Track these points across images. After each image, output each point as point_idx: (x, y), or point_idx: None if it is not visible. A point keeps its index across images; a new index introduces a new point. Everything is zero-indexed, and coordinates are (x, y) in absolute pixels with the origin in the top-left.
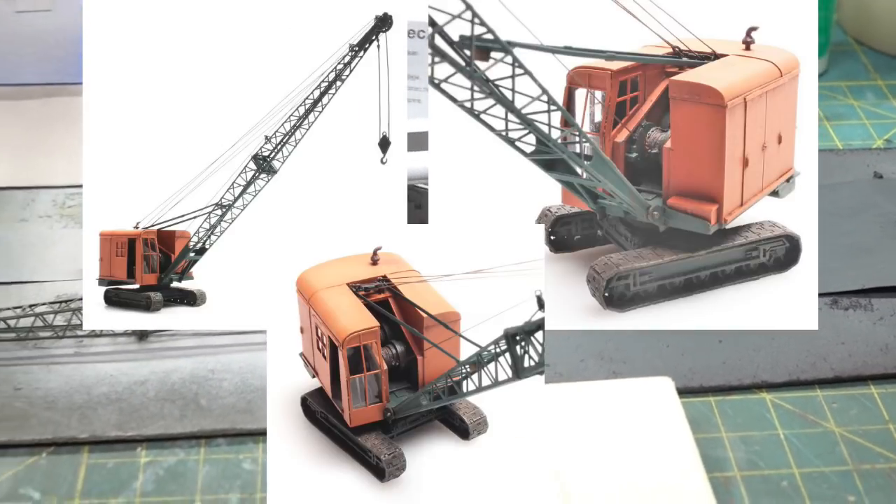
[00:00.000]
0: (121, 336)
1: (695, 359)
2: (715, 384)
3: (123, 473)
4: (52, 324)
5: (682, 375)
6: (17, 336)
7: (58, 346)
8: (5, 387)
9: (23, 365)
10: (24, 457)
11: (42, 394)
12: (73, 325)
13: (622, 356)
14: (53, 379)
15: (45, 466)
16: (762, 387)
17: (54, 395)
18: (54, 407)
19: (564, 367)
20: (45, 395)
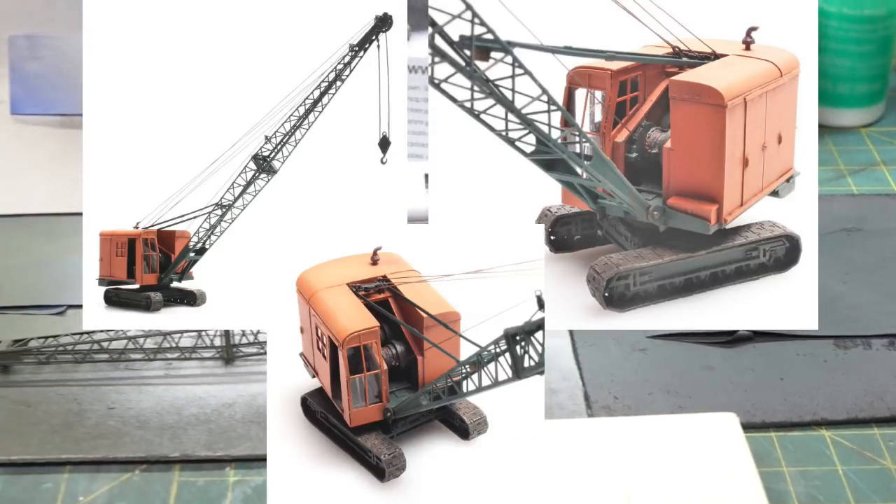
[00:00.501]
0: (208, 360)
1: (757, 395)
2: (776, 420)
3: (213, 491)
4: (142, 346)
5: (745, 411)
6: (111, 357)
7: (148, 368)
8: (99, 406)
9: (115, 385)
10: (119, 473)
11: (134, 413)
12: (164, 349)
13: (687, 391)
14: (145, 399)
15: (139, 483)
16: (821, 424)
17: (146, 414)
18: (146, 426)
19: (633, 401)
20: (138, 415)
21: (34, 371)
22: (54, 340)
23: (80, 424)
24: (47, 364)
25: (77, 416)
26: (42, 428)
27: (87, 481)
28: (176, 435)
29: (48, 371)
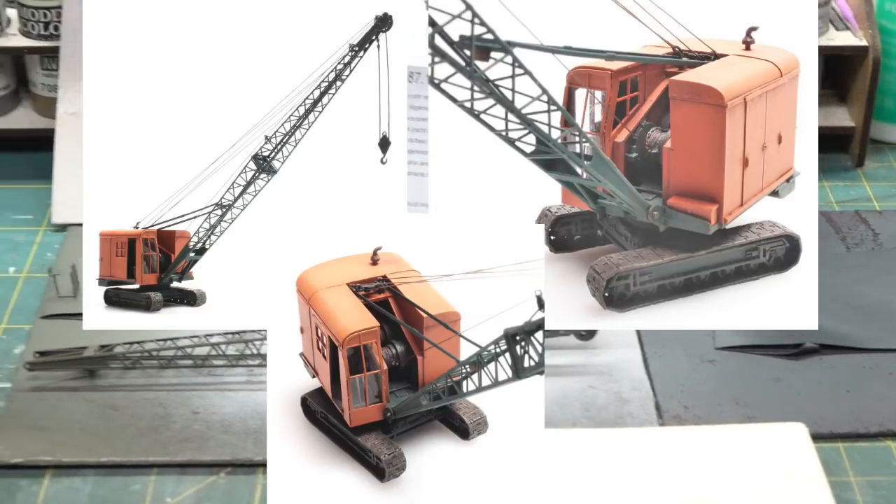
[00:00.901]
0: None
1: (824, 407)
2: (843, 431)
3: None
4: (225, 353)
5: (813, 422)
6: (195, 363)
7: (231, 374)
8: (184, 410)
9: (199, 390)
10: (205, 476)
11: (218, 418)
12: (246, 356)
13: (756, 402)
14: (228, 404)
15: (224, 486)
16: (888, 435)
17: (230, 419)
18: (230, 430)
19: (703, 411)
20: (222, 420)
21: (119, 375)
22: (139, 346)
23: (167, 428)
24: (132, 369)
25: (163, 420)
26: (129, 431)
27: (174, 483)
28: (259, 440)
29: (133, 376)
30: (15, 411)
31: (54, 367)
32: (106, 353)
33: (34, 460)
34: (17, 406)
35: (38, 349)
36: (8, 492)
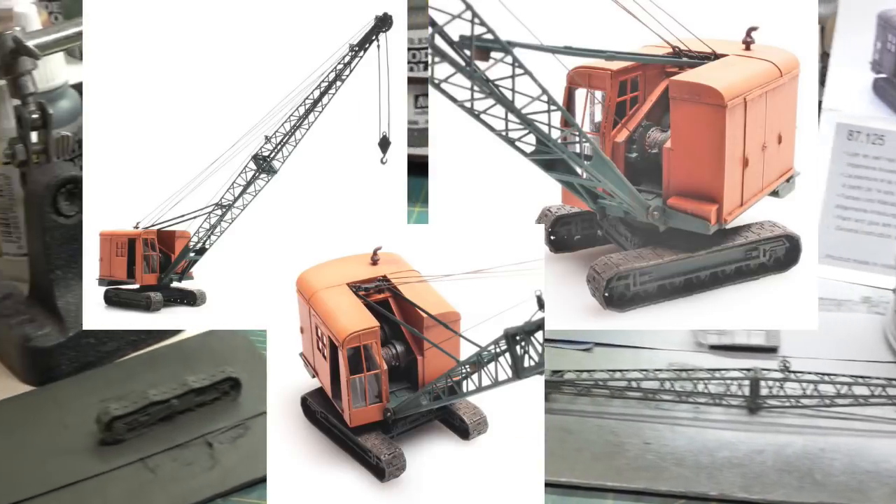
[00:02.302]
0: (734, 407)
1: None
2: None
3: None
4: (672, 388)
5: None
6: (644, 396)
7: (677, 409)
8: (636, 440)
9: (649, 422)
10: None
11: (670, 450)
12: (693, 393)
13: None
14: (678, 438)
15: None
16: None
17: (681, 453)
18: (683, 464)
19: None
20: (673, 452)
21: (570, 401)
22: (588, 375)
23: (621, 455)
24: (583, 396)
25: (616, 448)
26: (585, 455)
27: None
28: (712, 475)
29: (583, 402)
30: None
31: None
32: (558, 378)
33: None
34: None
35: None
36: None
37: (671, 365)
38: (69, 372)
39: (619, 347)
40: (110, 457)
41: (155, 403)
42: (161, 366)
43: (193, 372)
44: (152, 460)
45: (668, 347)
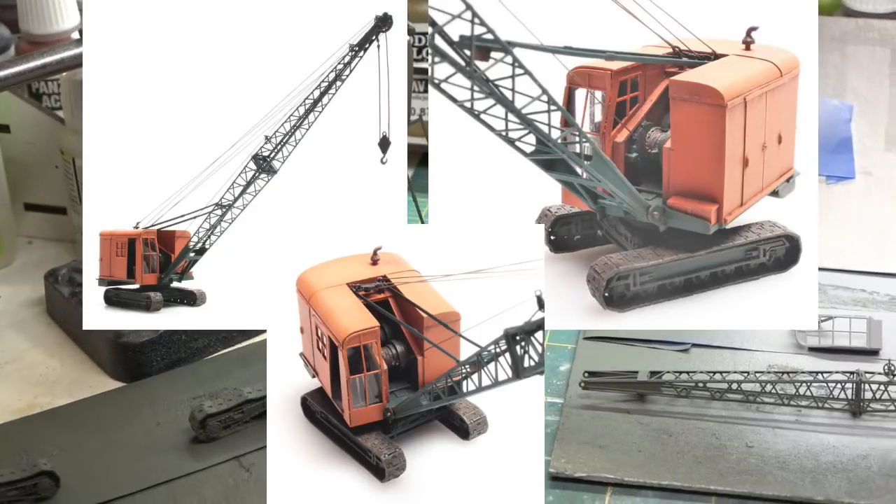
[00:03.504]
0: (836, 410)
1: None
2: None
3: None
4: (774, 391)
5: None
6: (745, 398)
7: (778, 412)
8: (738, 443)
9: (750, 425)
10: None
11: (772, 454)
12: (794, 395)
13: None
14: (780, 442)
15: None
16: None
17: (784, 456)
18: (786, 468)
19: None
20: (776, 456)
21: (669, 402)
22: (688, 376)
23: (723, 458)
24: (682, 398)
25: (718, 451)
26: (687, 458)
27: None
28: (816, 480)
29: (682, 404)
30: (570, 427)
31: (607, 388)
32: (657, 379)
33: (597, 476)
34: (572, 422)
35: (586, 369)
36: (572, 503)
37: (770, 367)
38: (159, 368)
39: (717, 349)
40: (205, 455)
41: (249, 401)
42: (251, 363)
43: None
44: (247, 459)
45: (766, 349)
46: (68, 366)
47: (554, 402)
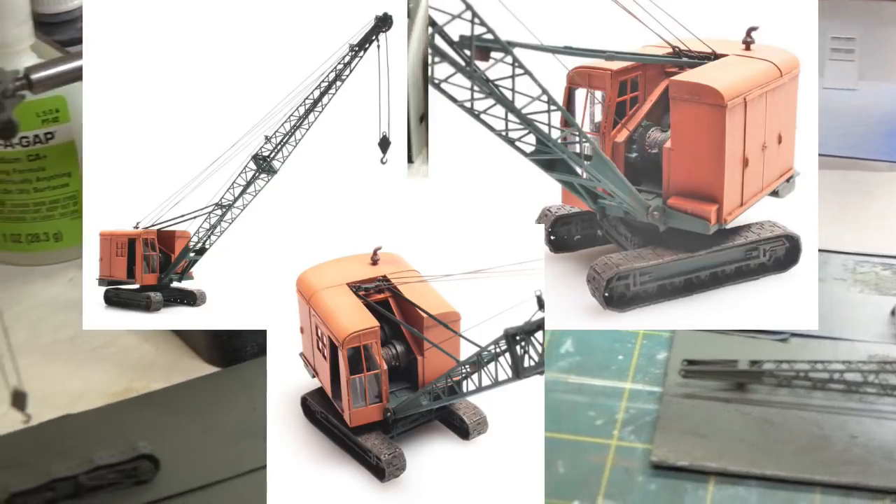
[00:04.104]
0: None
1: None
2: None
3: None
4: (876, 381)
5: None
6: (847, 388)
7: (881, 402)
8: (841, 433)
9: (854, 415)
10: (869, 500)
11: (878, 444)
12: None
13: None
14: (885, 433)
15: None
16: None
17: (889, 447)
18: (892, 458)
19: None
20: (881, 447)
21: (770, 392)
22: (788, 366)
23: (827, 448)
24: (783, 387)
25: (821, 441)
26: (790, 447)
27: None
28: None
29: (783, 393)
30: (671, 416)
31: (706, 377)
32: (757, 369)
33: (700, 465)
34: (672, 411)
35: (685, 357)
36: (675, 492)
37: (871, 357)
38: (253, 353)
39: (817, 338)
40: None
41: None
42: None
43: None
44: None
45: (867, 339)
46: (163, 350)
47: (652, 390)
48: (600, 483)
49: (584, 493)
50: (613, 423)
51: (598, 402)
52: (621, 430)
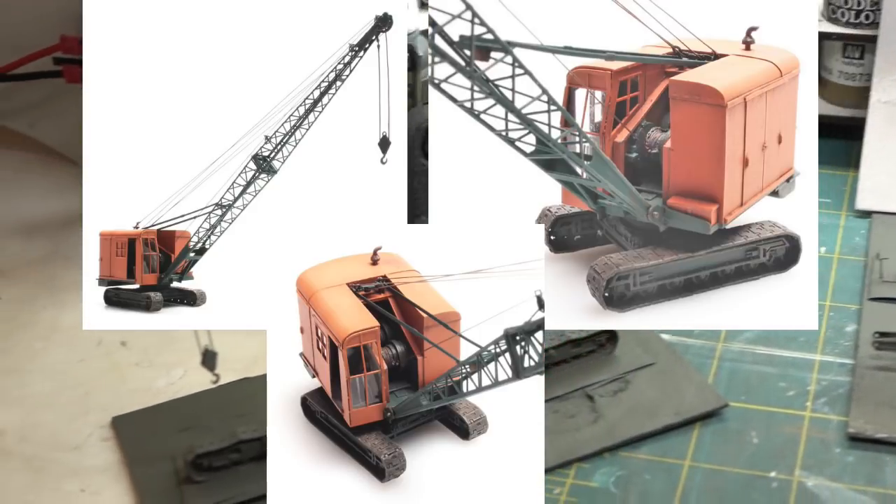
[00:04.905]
0: None
1: None
2: None
3: None
4: None
5: None
6: None
7: None
8: None
9: None
10: None
11: None
12: None
13: None
14: None
15: None
16: None
17: None
18: None
19: None
20: None
21: None
22: None
23: None
24: None
25: None
26: None
27: None
28: None
29: None
30: (865, 388)
31: None
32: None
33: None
34: (867, 383)
35: (876, 330)
36: (874, 465)
37: None
38: None
39: None
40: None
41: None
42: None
43: None
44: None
45: None
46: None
47: (843, 362)
48: (796, 455)
49: (781, 464)
50: (805, 394)
51: (788, 373)
52: (814, 402)
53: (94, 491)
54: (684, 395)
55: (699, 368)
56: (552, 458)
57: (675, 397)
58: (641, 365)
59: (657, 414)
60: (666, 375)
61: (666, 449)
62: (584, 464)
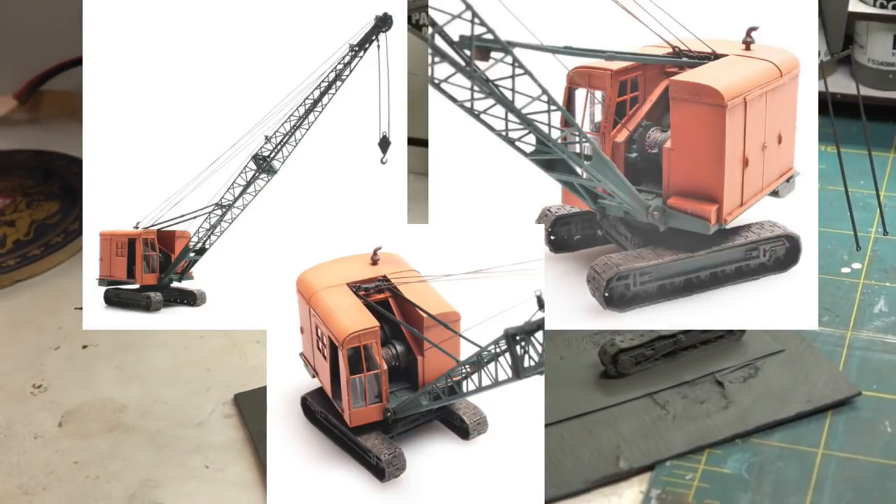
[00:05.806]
0: None
1: None
2: None
3: None
4: None
5: None
6: None
7: None
8: None
9: None
10: None
11: None
12: None
13: None
14: None
15: None
16: None
17: None
18: None
19: None
20: None
21: None
22: None
23: None
24: None
25: None
26: None
27: None
28: None
29: None
30: None
31: None
32: None
33: None
34: None
35: None
36: None
37: None
38: None
39: None
40: (616, 390)
41: (662, 338)
42: None
43: None
44: (661, 396)
45: None
46: None
47: None
48: None
49: None
50: None
51: None
52: None
53: (219, 468)
54: (815, 382)
55: (829, 356)
56: (682, 443)
57: (806, 385)
58: (771, 352)
59: (789, 401)
60: (796, 363)
61: (799, 436)
62: (717, 450)
